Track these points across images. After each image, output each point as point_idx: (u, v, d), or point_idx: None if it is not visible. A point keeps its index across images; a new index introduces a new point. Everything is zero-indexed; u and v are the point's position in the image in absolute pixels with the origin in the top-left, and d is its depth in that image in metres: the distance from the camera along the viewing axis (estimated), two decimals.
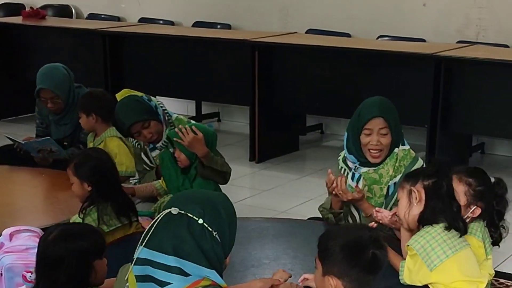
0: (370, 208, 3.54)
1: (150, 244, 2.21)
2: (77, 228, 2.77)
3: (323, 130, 7.85)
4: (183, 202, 2.28)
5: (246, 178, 6.31)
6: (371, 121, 3.55)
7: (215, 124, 8.24)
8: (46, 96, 5.06)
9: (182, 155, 4.07)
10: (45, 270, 2.64)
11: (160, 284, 2.15)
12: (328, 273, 2.42)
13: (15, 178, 4.84)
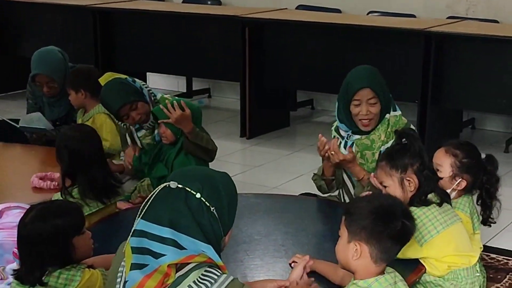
0: (361, 172, 3.56)
1: (147, 216, 2.20)
2: (54, 207, 2.75)
3: (313, 106, 7.85)
4: (182, 177, 2.26)
5: (237, 154, 6.32)
6: (359, 92, 3.57)
7: (205, 100, 8.22)
8: (42, 81, 5.04)
9: (168, 131, 4.06)
10: (25, 249, 2.64)
11: (155, 255, 2.14)
12: (355, 239, 2.37)
13: (5, 155, 4.83)
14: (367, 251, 2.37)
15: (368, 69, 3.69)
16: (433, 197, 2.96)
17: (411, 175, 2.93)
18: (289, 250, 2.99)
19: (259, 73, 6.59)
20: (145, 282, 2.12)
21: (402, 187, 2.94)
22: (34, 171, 4.18)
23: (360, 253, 2.37)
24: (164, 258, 2.14)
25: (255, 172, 5.78)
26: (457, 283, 2.93)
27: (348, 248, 2.39)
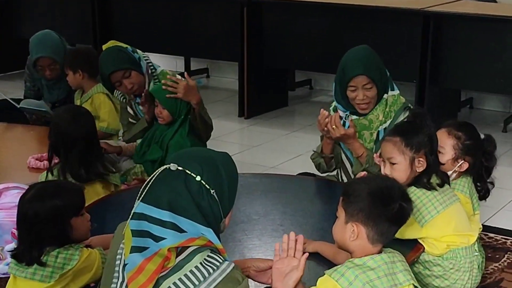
0: (361, 148, 3.57)
1: (146, 199, 2.18)
2: (53, 187, 2.74)
3: (312, 86, 7.84)
4: (182, 159, 2.24)
5: (235, 134, 6.31)
6: (354, 79, 3.56)
7: (204, 80, 8.21)
8: (44, 64, 5.03)
9: (164, 112, 4.04)
10: (24, 229, 2.65)
11: (155, 239, 2.13)
12: (352, 220, 2.39)
13: (3, 135, 4.84)
14: (364, 232, 2.38)
15: (364, 53, 3.65)
16: (434, 179, 2.96)
17: (423, 156, 2.92)
18: (287, 230, 2.95)
19: (257, 53, 6.58)
20: (145, 265, 2.11)
21: (412, 166, 2.93)
22: (33, 151, 4.19)
23: (357, 234, 2.38)
24: (165, 241, 2.12)
25: (253, 152, 5.78)
26: (456, 262, 2.94)
27: (345, 229, 2.40)
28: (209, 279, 2.13)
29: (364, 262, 2.36)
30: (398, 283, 2.35)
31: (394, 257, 2.41)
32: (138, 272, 2.10)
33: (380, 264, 2.36)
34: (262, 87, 6.76)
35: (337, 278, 2.33)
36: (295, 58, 6.57)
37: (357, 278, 2.31)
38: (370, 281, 2.31)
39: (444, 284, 2.92)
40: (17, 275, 2.64)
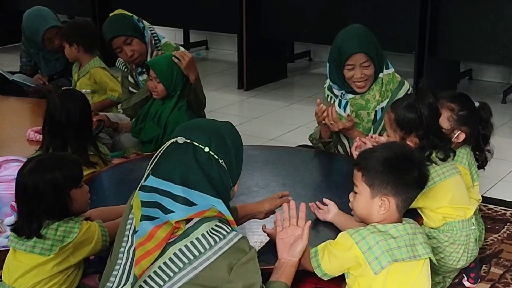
0: (360, 136, 3.56)
1: (157, 173, 2.20)
2: (52, 159, 2.74)
3: (311, 57, 7.82)
4: (189, 132, 2.25)
5: (234, 106, 6.30)
6: (352, 57, 3.54)
7: (203, 52, 8.19)
8: (52, 35, 5.02)
9: (159, 86, 4.02)
10: (23, 201, 2.65)
11: (164, 210, 2.15)
12: (380, 194, 2.38)
13: (2, 108, 4.83)
14: (394, 203, 2.39)
15: (360, 31, 3.62)
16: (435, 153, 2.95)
17: (413, 138, 2.92)
18: None
19: (256, 25, 6.55)
20: (155, 232, 2.14)
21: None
22: (32, 124, 4.19)
23: (388, 207, 2.39)
24: (173, 215, 2.15)
25: (252, 124, 5.77)
26: (451, 235, 2.95)
27: (373, 204, 2.40)
28: (215, 247, 2.15)
29: (387, 229, 2.36)
30: (417, 254, 2.36)
31: (416, 229, 2.42)
32: (148, 239, 2.13)
33: (402, 234, 2.37)
34: (261, 59, 6.74)
35: (357, 240, 2.34)
36: (294, 30, 6.54)
37: (378, 244, 2.32)
38: (390, 249, 2.32)
39: (438, 257, 2.93)
40: (16, 248, 2.65)
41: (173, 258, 2.15)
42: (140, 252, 2.13)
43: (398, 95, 3.59)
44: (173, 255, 2.14)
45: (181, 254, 2.15)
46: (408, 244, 2.36)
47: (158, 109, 4.08)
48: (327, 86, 3.76)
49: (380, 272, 2.31)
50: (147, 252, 2.12)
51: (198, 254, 2.14)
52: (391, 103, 3.52)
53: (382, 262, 2.31)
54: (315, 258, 2.43)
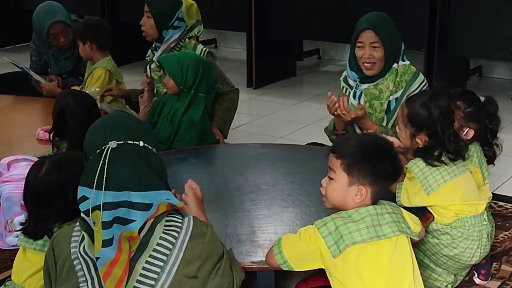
0: (373, 126, 3.56)
1: (110, 186, 2.07)
2: (66, 157, 2.74)
3: (320, 55, 7.82)
4: (114, 133, 2.14)
5: (243, 104, 6.28)
6: (362, 34, 3.56)
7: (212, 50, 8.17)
8: (58, 31, 5.00)
9: (171, 81, 4.02)
10: (34, 203, 2.63)
11: (123, 222, 2.05)
12: (358, 183, 2.41)
13: (11, 107, 4.84)
14: (370, 193, 2.42)
15: (377, 14, 3.67)
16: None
17: (423, 136, 2.92)
18: (296, 200, 2.99)
19: (265, 23, 6.55)
20: (119, 257, 2.04)
21: (412, 140, 2.95)
22: (41, 123, 4.19)
23: (365, 196, 2.41)
24: (134, 224, 2.06)
25: (261, 122, 5.77)
26: (464, 231, 2.94)
27: (349, 192, 2.42)
28: (178, 243, 2.09)
29: (349, 215, 2.39)
30: (381, 234, 2.36)
31: (383, 209, 2.42)
32: (113, 265, 2.03)
33: (364, 216, 2.38)
34: (270, 57, 6.74)
35: (319, 226, 2.38)
36: (303, 28, 6.54)
37: (337, 229, 2.35)
38: (349, 233, 2.34)
39: (452, 253, 2.92)
40: (26, 247, 2.64)
41: (144, 273, 2.06)
42: (111, 284, 2.03)
43: (412, 85, 3.60)
44: (143, 270, 2.06)
45: (150, 265, 2.07)
46: (370, 225, 2.36)
47: (173, 106, 4.06)
48: (343, 77, 3.77)
49: (339, 255, 2.33)
50: (119, 281, 2.03)
51: (166, 258, 2.07)
52: (405, 93, 3.55)
53: (340, 245, 2.33)
54: (278, 245, 2.44)
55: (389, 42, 3.56)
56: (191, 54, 4.16)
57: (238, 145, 4.04)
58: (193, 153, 3.70)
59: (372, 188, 2.41)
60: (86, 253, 2.10)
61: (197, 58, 4.08)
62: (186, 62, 3.99)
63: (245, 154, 3.60)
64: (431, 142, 2.90)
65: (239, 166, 3.43)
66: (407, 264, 2.41)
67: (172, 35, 4.34)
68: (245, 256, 2.54)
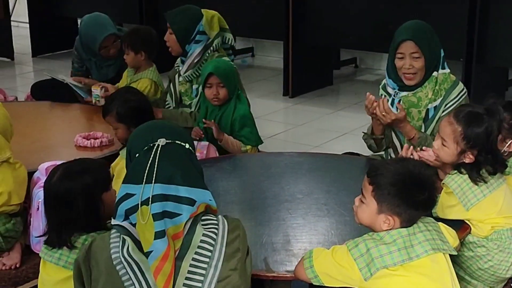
0: (412, 131, 3.53)
1: (160, 179, 2.15)
2: (80, 164, 2.74)
3: (357, 64, 7.80)
4: (161, 133, 2.23)
5: (279, 113, 6.31)
6: (402, 45, 3.53)
7: (249, 59, 8.21)
8: (109, 43, 5.05)
9: (223, 90, 4.03)
10: (53, 210, 2.64)
11: (170, 216, 2.12)
12: (387, 213, 2.39)
13: (50, 114, 4.90)
14: (398, 222, 2.39)
15: (416, 23, 3.64)
16: None
17: (474, 152, 2.88)
18: (331, 210, 2.99)
19: (302, 32, 6.56)
20: (169, 251, 2.09)
21: (459, 156, 2.88)
22: (79, 130, 4.24)
23: (392, 225, 2.39)
24: (181, 217, 2.13)
25: (297, 131, 5.78)
26: (500, 243, 2.91)
27: (377, 218, 2.40)
28: (219, 238, 2.16)
29: (381, 237, 2.37)
30: (414, 255, 2.33)
31: (415, 229, 2.40)
32: (164, 259, 2.08)
33: (395, 238, 2.36)
34: (307, 66, 6.74)
35: (351, 247, 2.37)
36: (340, 37, 6.53)
37: (368, 251, 2.34)
38: (380, 256, 2.32)
39: (487, 265, 2.89)
40: (45, 259, 2.65)
41: (192, 270, 2.12)
42: (162, 279, 2.07)
43: (451, 94, 3.56)
44: (190, 267, 2.12)
45: (196, 262, 2.13)
46: (402, 247, 2.34)
47: (216, 115, 4.10)
48: (382, 85, 3.75)
49: (370, 278, 2.32)
50: (168, 277, 2.08)
51: (210, 254, 2.14)
52: (444, 102, 3.52)
53: (372, 269, 2.32)
54: (309, 259, 2.43)
55: (429, 51, 3.54)
56: (226, 61, 4.24)
57: (273, 154, 4.04)
58: (228, 161, 3.72)
59: (402, 218, 2.38)
60: (130, 256, 2.14)
61: (230, 63, 4.21)
62: (232, 69, 4.11)
63: (281, 163, 3.60)
64: (480, 159, 2.86)
65: (274, 174, 3.43)
66: (447, 282, 2.39)
67: (195, 50, 4.38)
68: (279, 265, 2.54)
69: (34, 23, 8.33)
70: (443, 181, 2.89)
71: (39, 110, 4.98)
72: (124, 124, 3.60)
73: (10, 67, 8.01)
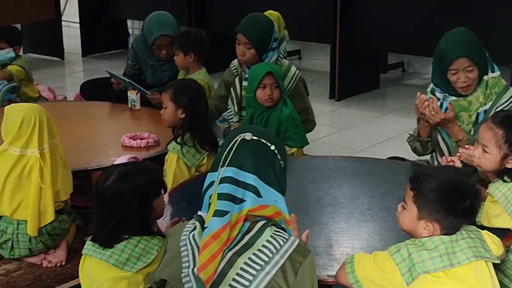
0: (460, 132, 3.50)
1: (233, 163, 2.21)
2: (135, 168, 2.77)
3: (404, 68, 7.75)
4: (253, 131, 2.29)
5: (325, 115, 6.29)
6: (455, 62, 3.49)
7: (295, 61, 8.21)
8: (163, 43, 5.08)
9: (276, 91, 4.06)
10: (105, 211, 2.67)
11: (235, 201, 2.17)
12: (427, 219, 2.39)
13: (98, 113, 4.96)
14: (438, 229, 2.39)
15: (463, 35, 3.59)
16: None
17: None
18: (374, 215, 2.98)
19: (349, 34, 6.54)
20: (221, 232, 2.13)
21: (502, 161, 2.87)
22: (126, 130, 4.29)
23: (432, 231, 2.39)
24: (245, 203, 2.17)
25: (342, 134, 5.76)
26: None
27: (418, 224, 2.41)
28: (281, 250, 2.16)
29: (423, 243, 2.38)
30: (456, 262, 2.33)
31: (458, 235, 2.39)
32: (214, 238, 2.13)
33: (437, 244, 2.36)
34: (354, 69, 6.72)
35: (392, 252, 2.38)
36: (388, 40, 6.50)
37: (410, 256, 2.34)
38: (422, 261, 2.32)
39: None
40: (94, 256, 2.68)
41: (244, 268, 2.14)
42: (206, 255, 2.12)
43: (502, 98, 3.54)
44: (243, 265, 2.14)
45: (251, 262, 2.14)
46: (444, 253, 2.34)
47: (263, 117, 4.12)
48: (430, 89, 3.72)
49: (412, 283, 2.32)
50: (212, 256, 2.11)
51: (267, 259, 2.14)
52: (494, 106, 3.49)
53: (413, 273, 2.32)
54: (350, 264, 2.43)
55: (480, 61, 3.51)
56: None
57: (318, 157, 4.05)
58: None
59: (441, 225, 2.39)
60: (194, 240, 2.20)
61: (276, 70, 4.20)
62: (279, 70, 4.18)
63: (325, 167, 3.60)
64: None
65: (318, 178, 3.44)
66: None
67: (272, 57, 4.39)
68: (321, 269, 2.54)
69: (85, 23, 8.45)
70: (487, 191, 2.86)
71: (87, 109, 5.05)
72: (174, 104, 3.72)
73: (60, 67, 8.13)
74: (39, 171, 3.49)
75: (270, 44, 4.35)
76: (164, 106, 3.77)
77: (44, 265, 3.61)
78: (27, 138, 3.49)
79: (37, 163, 3.49)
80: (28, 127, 3.49)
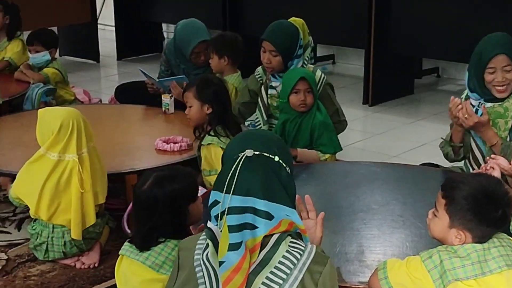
0: (495, 137, 3.48)
1: (238, 191, 2.12)
2: (170, 174, 2.79)
3: (439, 74, 7.70)
4: (253, 143, 2.22)
5: (358, 121, 6.28)
6: (494, 60, 3.48)
7: (329, 66, 8.20)
8: (202, 49, 5.09)
9: (310, 96, 4.07)
10: (142, 215, 2.71)
11: (245, 227, 2.10)
12: (459, 227, 2.38)
13: (132, 117, 4.98)
14: (470, 238, 2.38)
15: (503, 36, 3.59)
16: None
17: None
18: (407, 221, 2.97)
19: (384, 40, 6.52)
20: (242, 264, 2.08)
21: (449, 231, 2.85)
22: (159, 133, 4.31)
23: (464, 240, 2.38)
24: (258, 230, 2.10)
25: (376, 140, 5.74)
26: None
27: (449, 232, 2.40)
28: (299, 264, 2.11)
29: (455, 250, 2.36)
30: (487, 270, 2.31)
31: (490, 243, 2.37)
32: (236, 271, 2.07)
33: (469, 252, 2.34)
34: (388, 74, 6.70)
35: (424, 258, 2.36)
36: (423, 46, 6.47)
37: (442, 263, 2.33)
38: (453, 268, 2.31)
39: None
40: (131, 257, 2.70)
41: None
42: None
43: None
44: (262, 285, 2.09)
45: (269, 281, 2.09)
46: (476, 261, 2.32)
47: (296, 123, 4.13)
48: (465, 96, 3.70)
49: None
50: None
51: (286, 276, 2.09)
52: None
53: (444, 280, 2.30)
54: (383, 270, 2.41)
55: None
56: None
57: (350, 163, 4.04)
58: (305, 169, 3.72)
59: (473, 234, 2.37)
60: (208, 261, 2.16)
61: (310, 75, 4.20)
62: (312, 75, 4.19)
63: (357, 172, 3.59)
64: None
65: (350, 184, 3.43)
66: None
67: (298, 64, 4.39)
68: (352, 275, 2.54)
69: (120, 26, 8.53)
70: None
71: (122, 112, 5.09)
72: (199, 100, 3.76)
73: (95, 70, 8.21)
74: (78, 175, 3.51)
75: (296, 51, 4.34)
76: (189, 105, 3.81)
77: (77, 266, 3.64)
78: (65, 143, 3.51)
79: (76, 168, 3.51)
80: (66, 132, 3.50)
